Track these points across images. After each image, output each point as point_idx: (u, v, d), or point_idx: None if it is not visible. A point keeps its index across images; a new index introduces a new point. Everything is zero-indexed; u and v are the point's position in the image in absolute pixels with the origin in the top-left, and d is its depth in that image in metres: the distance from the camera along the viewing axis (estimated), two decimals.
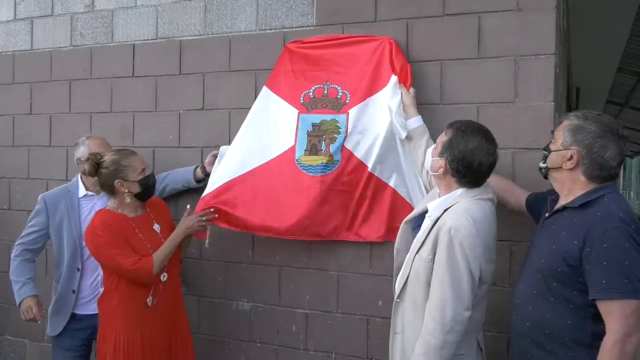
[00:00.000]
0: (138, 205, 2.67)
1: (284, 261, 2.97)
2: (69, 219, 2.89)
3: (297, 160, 2.75)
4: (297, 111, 2.80)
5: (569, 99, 7.20)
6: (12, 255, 2.90)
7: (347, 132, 2.69)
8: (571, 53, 5.88)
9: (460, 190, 2.08)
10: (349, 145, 2.68)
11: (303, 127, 2.78)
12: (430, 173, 2.23)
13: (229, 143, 3.07)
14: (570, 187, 1.92)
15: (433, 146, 2.21)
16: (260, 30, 3.04)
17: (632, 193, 24.32)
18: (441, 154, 2.09)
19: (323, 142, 2.73)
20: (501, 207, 2.51)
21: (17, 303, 2.83)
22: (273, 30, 3.00)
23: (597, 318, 1.77)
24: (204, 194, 2.86)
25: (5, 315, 3.73)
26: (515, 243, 2.51)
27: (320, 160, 2.70)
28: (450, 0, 2.63)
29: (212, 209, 2.79)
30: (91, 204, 2.95)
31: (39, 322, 2.83)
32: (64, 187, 3.01)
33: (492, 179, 2.34)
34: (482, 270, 1.97)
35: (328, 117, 2.75)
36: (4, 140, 3.76)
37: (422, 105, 2.65)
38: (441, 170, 2.09)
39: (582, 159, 1.86)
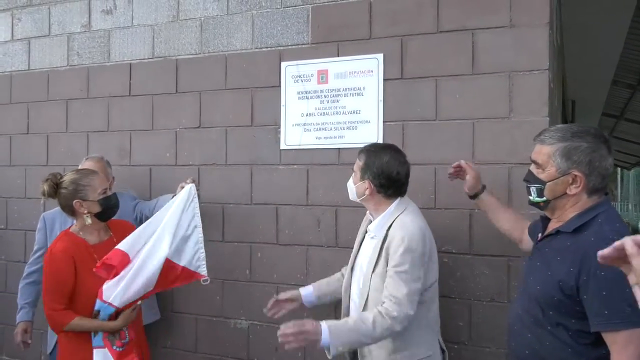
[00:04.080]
0: (101, 228, 2.56)
1: (282, 279, 2.95)
2: None
3: None
4: None
5: (565, 112, 7.24)
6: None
7: None
8: (566, 67, 5.93)
9: (393, 206, 2.22)
10: None
11: None
12: (358, 200, 2.31)
13: (226, 161, 3.08)
14: (568, 208, 1.85)
15: (352, 177, 2.31)
16: (256, 48, 3.06)
17: (630, 205, 24.38)
18: (362, 178, 2.23)
19: None
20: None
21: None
22: (269, 49, 3.02)
23: (599, 342, 1.68)
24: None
25: (1, 335, 3.71)
26: (512, 258, 2.50)
27: None
28: (444, 17, 2.66)
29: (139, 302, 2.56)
30: None
31: (23, 348, 2.95)
32: None
33: (505, 215, 2.33)
34: (431, 271, 2.15)
35: None
36: (1, 159, 3.77)
37: (418, 122, 2.66)
38: (367, 192, 2.22)
39: (587, 177, 1.79)
